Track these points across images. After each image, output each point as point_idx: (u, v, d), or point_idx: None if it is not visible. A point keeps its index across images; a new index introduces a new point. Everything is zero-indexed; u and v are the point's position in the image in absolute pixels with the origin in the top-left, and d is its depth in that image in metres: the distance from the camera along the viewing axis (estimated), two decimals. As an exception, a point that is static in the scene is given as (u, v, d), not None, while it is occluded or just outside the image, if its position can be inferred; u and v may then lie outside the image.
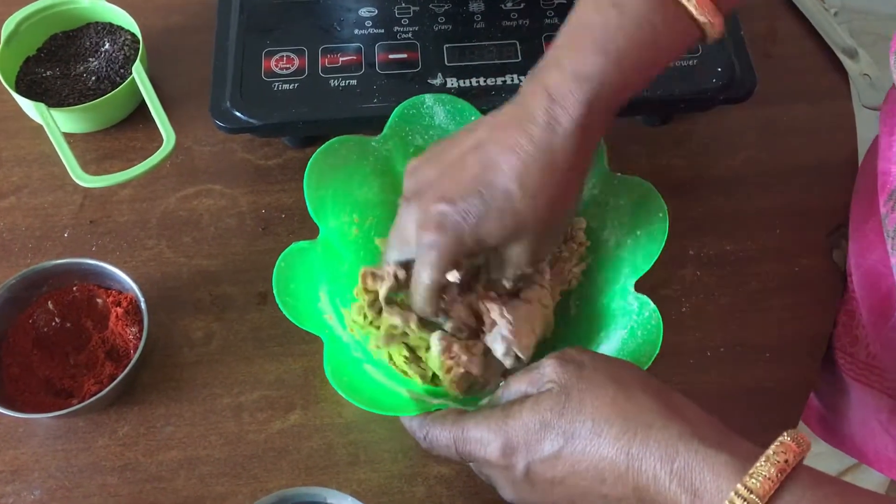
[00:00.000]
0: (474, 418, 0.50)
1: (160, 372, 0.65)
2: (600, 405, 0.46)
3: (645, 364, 0.55)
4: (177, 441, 0.63)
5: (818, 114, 0.79)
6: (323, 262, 0.61)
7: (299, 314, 0.57)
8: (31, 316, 0.65)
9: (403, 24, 0.73)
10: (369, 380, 0.57)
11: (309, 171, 0.61)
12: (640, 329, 0.58)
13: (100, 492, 0.61)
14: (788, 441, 0.43)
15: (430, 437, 0.52)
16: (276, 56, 0.71)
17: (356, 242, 0.64)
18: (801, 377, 0.66)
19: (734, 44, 0.72)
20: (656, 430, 0.45)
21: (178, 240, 0.71)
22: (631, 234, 0.63)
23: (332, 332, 0.58)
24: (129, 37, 0.78)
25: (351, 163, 0.63)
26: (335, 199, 0.62)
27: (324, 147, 0.62)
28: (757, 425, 0.63)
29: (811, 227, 0.72)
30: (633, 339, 0.57)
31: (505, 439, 0.48)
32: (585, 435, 0.46)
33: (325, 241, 0.61)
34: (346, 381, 0.54)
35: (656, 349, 0.55)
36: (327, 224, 0.61)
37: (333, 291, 0.61)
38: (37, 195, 0.73)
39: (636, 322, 0.58)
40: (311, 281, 0.60)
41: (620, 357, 0.57)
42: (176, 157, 0.75)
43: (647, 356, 0.55)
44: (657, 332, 0.56)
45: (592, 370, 0.48)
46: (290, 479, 0.61)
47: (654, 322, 0.57)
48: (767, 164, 0.76)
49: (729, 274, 0.70)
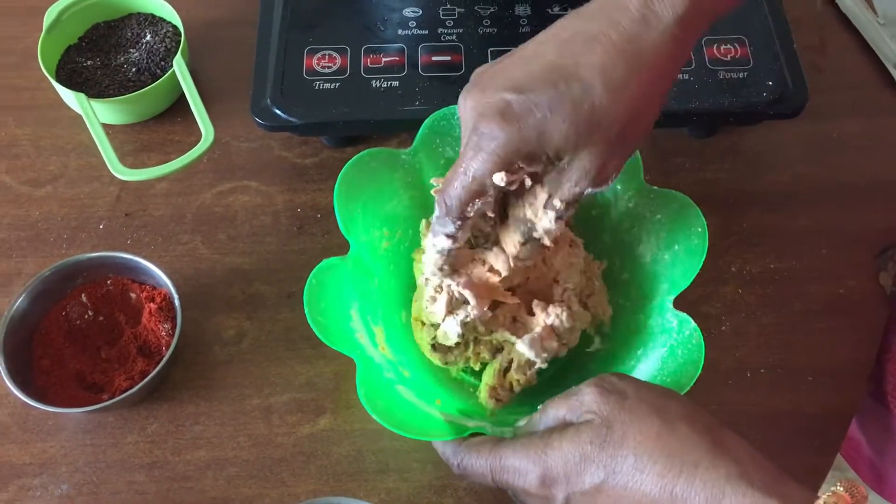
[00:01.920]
0: (511, 446, 0.49)
1: (191, 370, 0.65)
2: (644, 439, 0.44)
3: (686, 386, 0.53)
4: (205, 441, 0.62)
5: (869, 130, 0.77)
6: (353, 279, 0.60)
7: (331, 334, 0.55)
8: (64, 308, 0.64)
9: (448, 25, 0.72)
10: (402, 401, 0.56)
11: (339, 185, 0.59)
12: (681, 348, 0.56)
13: (127, 489, 0.60)
14: (842, 492, 0.41)
15: (465, 464, 0.51)
16: (319, 54, 0.70)
17: (386, 257, 0.62)
18: (843, 403, 0.64)
19: (786, 57, 0.70)
20: (703, 470, 0.43)
21: (212, 236, 0.71)
22: (669, 250, 0.61)
23: (364, 352, 0.57)
24: (171, 29, 0.78)
25: (381, 176, 0.62)
26: (365, 213, 0.61)
27: (353, 160, 0.60)
28: (796, 450, 0.62)
29: (859, 248, 0.71)
30: (674, 358, 0.56)
31: (544, 469, 0.47)
32: (627, 471, 0.44)
33: (355, 257, 0.59)
34: (380, 404, 0.53)
35: (698, 370, 0.54)
36: (358, 238, 0.60)
37: (364, 309, 0.60)
38: (74, 185, 0.73)
39: (676, 341, 0.57)
40: (342, 298, 0.58)
41: (661, 377, 0.55)
42: (213, 153, 0.74)
43: (688, 377, 0.54)
44: (699, 351, 0.55)
45: (636, 400, 0.46)
46: (318, 484, 0.60)
47: (695, 341, 0.55)
48: (815, 181, 0.74)
49: (772, 293, 0.68)
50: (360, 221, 0.61)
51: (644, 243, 0.63)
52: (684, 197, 0.61)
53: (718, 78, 0.69)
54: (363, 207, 0.61)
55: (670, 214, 0.62)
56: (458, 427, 0.54)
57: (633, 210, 0.63)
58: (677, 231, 0.61)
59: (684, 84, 0.69)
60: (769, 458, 0.45)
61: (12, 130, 0.76)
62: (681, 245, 0.61)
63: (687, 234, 0.60)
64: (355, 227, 0.60)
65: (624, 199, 0.64)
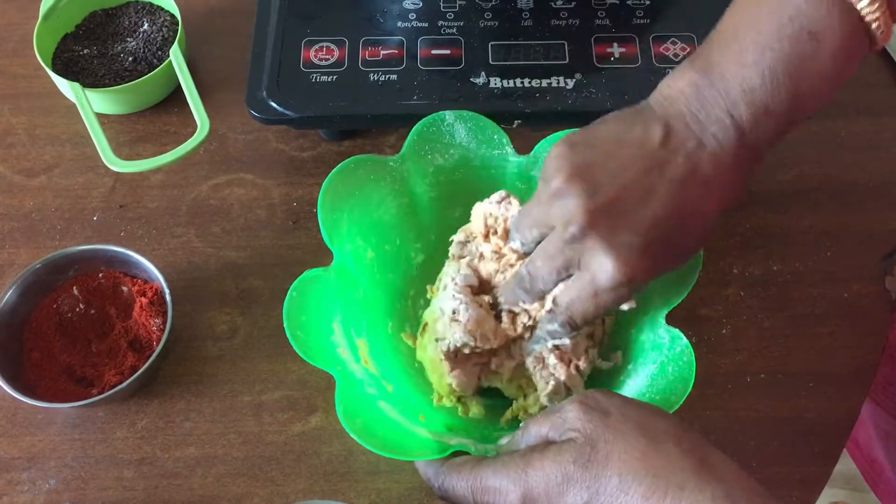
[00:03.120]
0: (492, 466, 0.47)
1: (182, 365, 0.64)
2: (628, 459, 0.43)
3: (676, 404, 0.52)
4: (195, 437, 0.61)
5: (878, 130, 0.75)
6: (337, 289, 0.58)
7: (310, 349, 0.54)
8: (55, 301, 0.64)
9: (448, 18, 0.70)
10: (384, 419, 0.54)
11: (323, 194, 0.58)
12: (672, 365, 0.54)
13: (115, 485, 0.60)
14: None
15: (446, 485, 0.49)
16: (316, 46, 0.69)
17: (372, 267, 0.61)
18: (845, 409, 0.63)
19: (794, 54, 0.68)
20: (688, 492, 0.41)
21: (207, 229, 0.70)
22: None
23: (346, 367, 0.55)
24: (169, 18, 0.76)
25: (367, 184, 0.60)
26: (350, 221, 0.59)
27: (338, 168, 0.59)
28: (796, 458, 0.61)
29: (864, 251, 0.69)
30: (664, 375, 0.54)
31: (525, 490, 0.45)
32: (611, 492, 0.43)
33: (339, 268, 0.58)
34: (359, 422, 0.51)
35: (688, 388, 0.52)
36: (342, 248, 0.59)
37: (347, 321, 0.58)
38: (68, 176, 0.72)
39: (667, 357, 0.55)
40: (323, 311, 0.57)
41: (650, 395, 0.54)
42: (209, 144, 0.73)
43: (678, 395, 0.52)
44: (689, 369, 0.53)
45: (620, 419, 0.45)
46: (308, 483, 0.60)
47: (686, 359, 0.54)
48: (821, 181, 0.72)
49: (774, 296, 0.67)
50: (346, 230, 0.59)
51: None
52: None
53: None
54: (349, 216, 0.59)
55: None
56: (441, 445, 0.53)
57: None
58: None
59: (689, 81, 0.67)
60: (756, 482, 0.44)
61: (7, 119, 0.75)
62: None
63: None
64: (340, 236, 0.59)
65: None
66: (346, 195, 0.59)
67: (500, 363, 0.57)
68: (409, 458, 0.52)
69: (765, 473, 0.60)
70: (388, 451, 0.51)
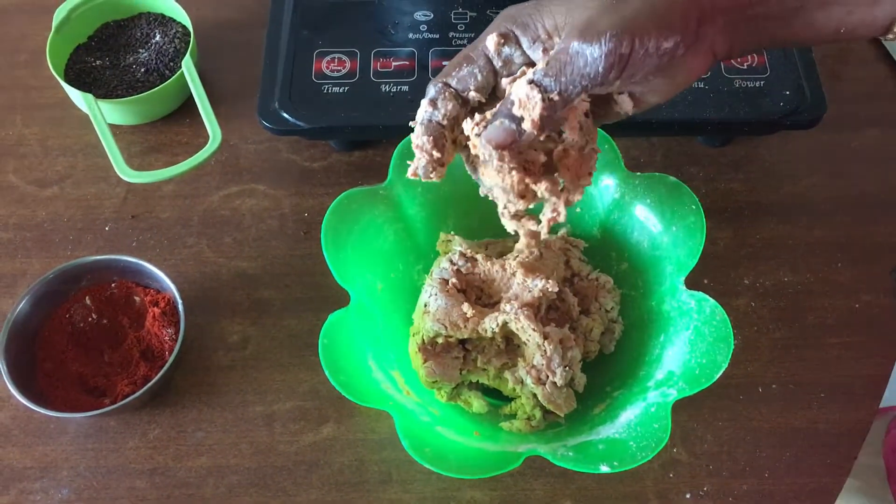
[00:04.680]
0: None
1: (194, 375, 0.64)
2: None
3: (722, 364, 0.53)
4: (207, 447, 0.61)
5: (888, 141, 0.75)
6: (362, 327, 0.58)
7: (359, 392, 0.53)
8: (67, 311, 0.64)
9: (459, 29, 0.70)
10: (448, 442, 0.54)
11: (325, 235, 0.58)
12: (707, 327, 0.55)
13: (128, 495, 0.60)
14: None
15: None
16: (328, 57, 0.69)
17: (383, 298, 0.61)
18: (857, 420, 0.63)
19: (804, 66, 0.68)
20: None
21: (218, 239, 0.70)
22: (666, 232, 0.61)
23: (396, 401, 0.55)
24: (181, 29, 0.77)
25: (363, 216, 0.61)
26: (356, 256, 0.60)
27: (333, 206, 0.59)
28: (807, 468, 0.60)
29: (875, 262, 0.69)
30: (702, 339, 0.55)
31: None
32: None
33: (358, 305, 0.58)
34: (429, 451, 0.51)
35: (730, 346, 0.53)
36: (355, 285, 0.59)
37: (378, 356, 0.58)
38: (80, 186, 0.73)
39: (699, 321, 0.56)
40: (357, 351, 0.57)
41: (694, 359, 0.55)
42: (221, 155, 0.73)
43: (723, 355, 0.53)
44: (726, 327, 0.54)
45: None
46: (320, 494, 0.60)
47: (718, 318, 0.55)
48: (832, 193, 0.72)
49: (785, 307, 0.67)
50: (353, 266, 0.59)
51: (638, 230, 0.62)
52: (670, 178, 0.61)
53: (734, 87, 0.67)
54: (353, 251, 0.60)
55: (660, 197, 0.61)
56: (512, 455, 0.53)
57: (620, 199, 0.63)
58: (671, 212, 0.61)
59: (699, 93, 0.67)
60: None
61: (20, 130, 0.76)
62: (678, 225, 0.60)
63: (682, 213, 0.60)
64: (349, 273, 0.59)
65: (609, 191, 0.63)
66: (346, 232, 0.60)
67: (486, 360, 0.58)
68: (491, 474, 0.52)
69: (777, 484, 0.60)
70: (466, 472, 0.51)
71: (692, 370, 0.55)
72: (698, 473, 0.60)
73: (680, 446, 0.61)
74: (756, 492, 0.60)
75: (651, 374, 0.57)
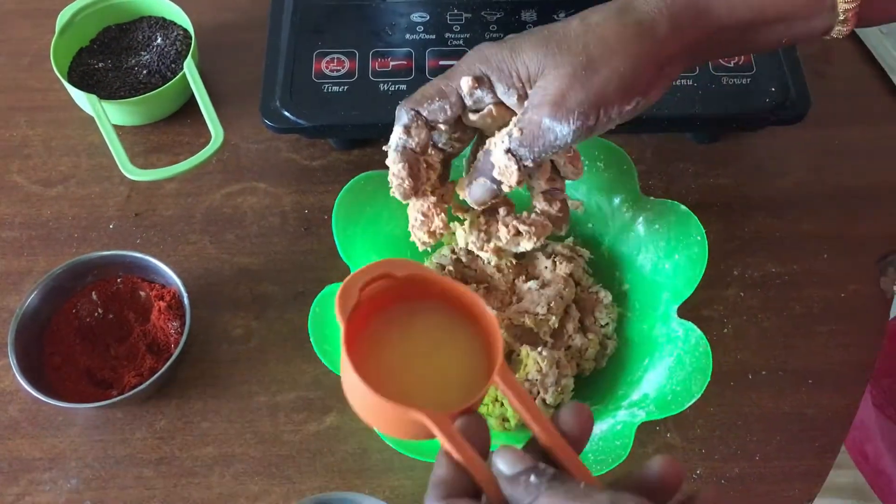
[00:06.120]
0: None
1: (198, 367, 0.66)
2: None
3: (697, 393, 0.54)
4: (213, 437, 0.63)
5: (872, 137, 0.77)
6: None
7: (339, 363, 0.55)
8: (74, 305, 0.65)
9: (455, 30, 0.72)
10: None
11: (336, 211, 0.60)
12: (688, 356, 0.57)
13: (135, 484, 0.61)
14: None
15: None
16: (327, 58, 0.71)
17: None
18: (844, 405, 0.65)
19: (789, 63, 0.71)
20: None
21: (221, 236, 0.72)
22: (669, 259, 0.62)
23: None
24: (182, 32, 0.79)
25: (377, 198, 0.62)
26: (364, 236, 0.61)
27: (349, 185, 0.61)
28: (796, 452, 0.62)
29: (860, 253, 0.71)
30: (682, 367, 0.56)
31: None
32: None
33: None
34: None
35: (707, 377, 0.55)
36: (358, 262, 0.60)
37: None
38: (84, 185, 0.74)
39: (682, 349, 0.57)
40: None
41: (670, 386, 0.56)
42: (222, 154, 0.75)
43: (698, 384, 0.55)
44: (706, 359, 0.56)
45: None
46: (324, 481, 0.61)
47: (701, 349, 0.56)
48: (818, 187, 0.74)
49: (773, 296, 0.69)
50: (360, 246, 0.61)
51: (643, 254, 0.64)
52: (682, 207, 0.62)
53: (722, 84, 0.70)
54: (363, 231, 0.61)
55: (668, 224, 0.62)
56: None
57: (631, 221, 0.64)
58: (676, 240, 0.62)
59: (687, 89, 0.69)
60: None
61: (24, 131, 0.77)
62: (681, 254, 0.61)
63: (686, 242, 0.61)
64: (355, 250, 0.60)
65: (621, 211, 0.65)
66: (358, 213, 0.61)
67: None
68: None
69: (767, 467, 0.62)
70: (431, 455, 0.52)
71: (665, 396, 0.56)
72: (691, 457, 0.62)
73: (674, 431, 0.63)
74: (747, 475, 0.62)
75: (628, 395, 0.59)
